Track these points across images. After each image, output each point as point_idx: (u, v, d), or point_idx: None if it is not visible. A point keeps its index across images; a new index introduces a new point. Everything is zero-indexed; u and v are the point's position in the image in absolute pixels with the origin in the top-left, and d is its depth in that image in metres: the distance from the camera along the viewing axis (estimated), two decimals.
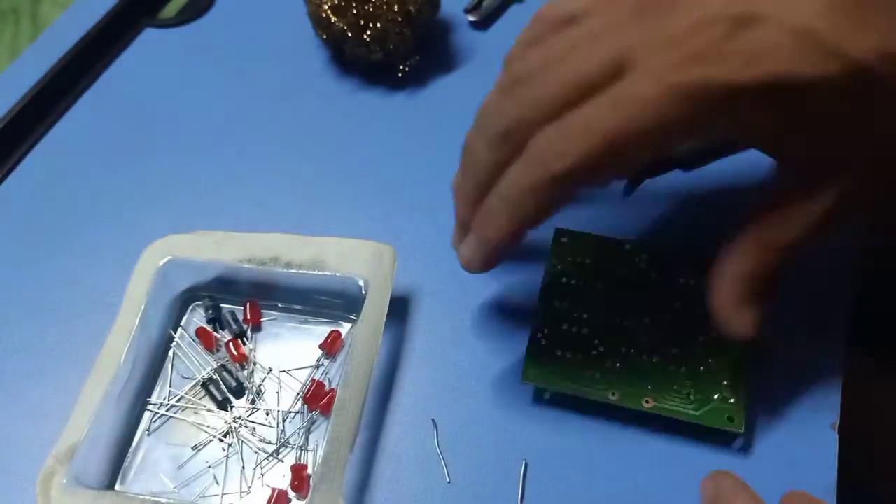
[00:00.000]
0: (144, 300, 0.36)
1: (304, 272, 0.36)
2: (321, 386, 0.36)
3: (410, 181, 0.44)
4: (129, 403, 0.36)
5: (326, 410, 0.35)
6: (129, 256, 0.38)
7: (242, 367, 0.37)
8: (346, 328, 0.38)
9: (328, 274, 0.36)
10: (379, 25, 0.45)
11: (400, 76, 0.47)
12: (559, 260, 0.38)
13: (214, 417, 0.36)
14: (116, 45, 0.52)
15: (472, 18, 0.51)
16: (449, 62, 0.49)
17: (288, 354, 0.38)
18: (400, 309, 0.39)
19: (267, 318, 0.39)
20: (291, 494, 0.34)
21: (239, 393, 0.37)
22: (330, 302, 0.38)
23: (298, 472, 0.34)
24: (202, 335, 0.38)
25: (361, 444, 0.34)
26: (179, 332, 0.39)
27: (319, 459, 0.31)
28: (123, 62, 0.51)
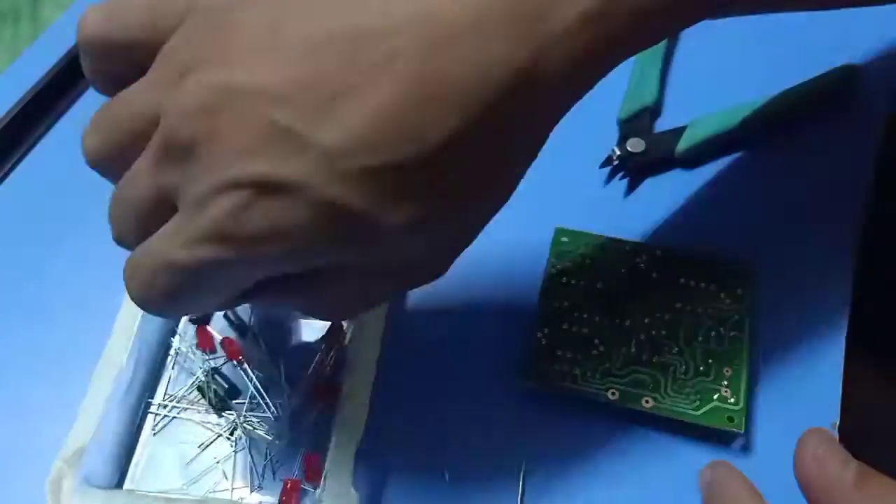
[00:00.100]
0: None
1: None
2: (326, 377, 0.36)
3: None
4: (133, 403, 0.36)
5: (333, 401, 0.35)
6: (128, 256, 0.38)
7: (240, 364, 0.37)
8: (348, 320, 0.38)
9: None
10: None
11: None
12: (559, 260, 0.38)
13: (220, 415, 0.36)
14: None
15: None
16: None
17: (292, 348, 0.38)
18: (400, 301, 0.39)
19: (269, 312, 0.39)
20: (304, 485, 0.34)
21: (234, 394, 0.37)
22: None
23: (311, 462, 0.34)
24: (201, 334, 0.38)
25: (361, 443, 0.34)
26: (180, 330, 0.39)
27: (330, 449, 0.32)
28: None
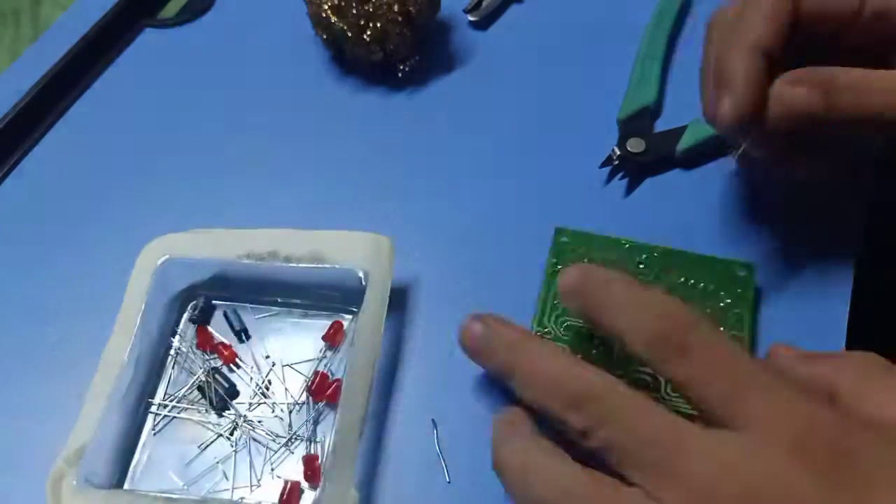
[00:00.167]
0: (144, 300, 0.36)
1: (303, 266, 0.36)
2: (325, 377, 0.36)
3: (410, 180, 0.44)
4: (133, 403, 0.36)
5: (332, 401, 0.36)
6: (128, 256, 0.38)
7: (238, 366, 0.37)
8: (347, 320, 0.38)
9: (328, 266, 0.36)
10: (379, 25, 0.45)
11: (400, 76, 0.47)
12: (559, 259, 0.38)
13: (220, 414, 0.36)
14: (116, 45, 0.52)
15: (471, 18, 0.51)
16: (449, 62, 0.49)
17: (291, 348, 0.38)
18: (399, 302, 0.39)
19: (268, 313, 0.39)
20: (304, 485, 0.34)
21: (233, 394, 0.37)
22: (330, 295, 0.38)
23: (310, 462, 0.34)
24: (201, 334, 0.38)
25: (362, 443, 0.34)
26: (180, 330, 0.39)
27: (329, 449, 0.31)
28: (123, 62, 0.52)
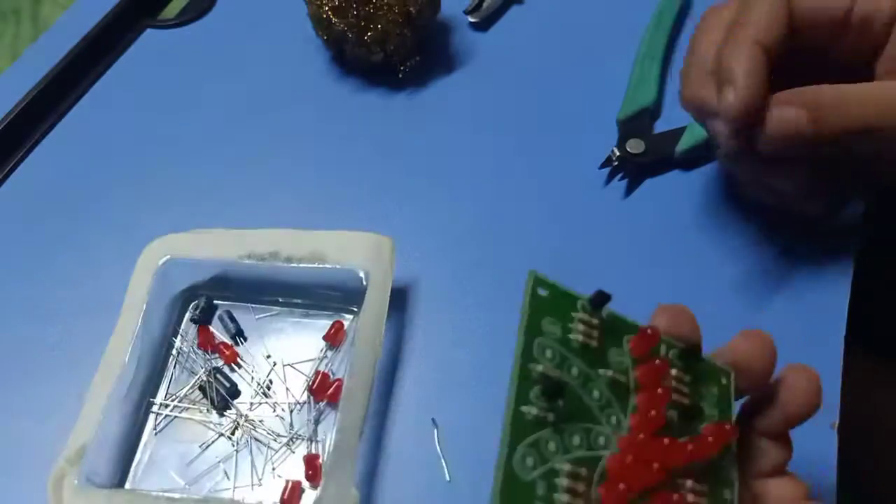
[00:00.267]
0: (145, 300, 0.36)
1: (304, 266, 0.36)
2: (326, 377, 0.36)
3: (410, 181, 0.44)
4: (134, 403, 0.36)
5: (333, 400, 0.36)
6: (129, 256, 0.38)
7: (239, 366, 0.38)
8: (347, 320, 0.38)
9: (328, 266, 0.36)
10: (379, 26, 0.45)
11: (400, 76, 0.47)
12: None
13: (221, 414, 0.36)
14: (117, 45, 0.52)
15: (472, 19, 0.51)
16: (449, 63, 0.49)
17: (292, 348, 0.38)
18: (399, 302, 0.39)
19: (269, 313, 0.39)
20: (305, 484, 0.34)
21: (234, 394, 0.37)
22: (330, 295, 0.38)
23: (311, 461, 0.34)
24: (202, 333, 0.38)
25: (362, 443, 0.34)
26: (181, 330, 0.39)
27: (330, 448, 0.32)
28: (124, 63, 0.52)
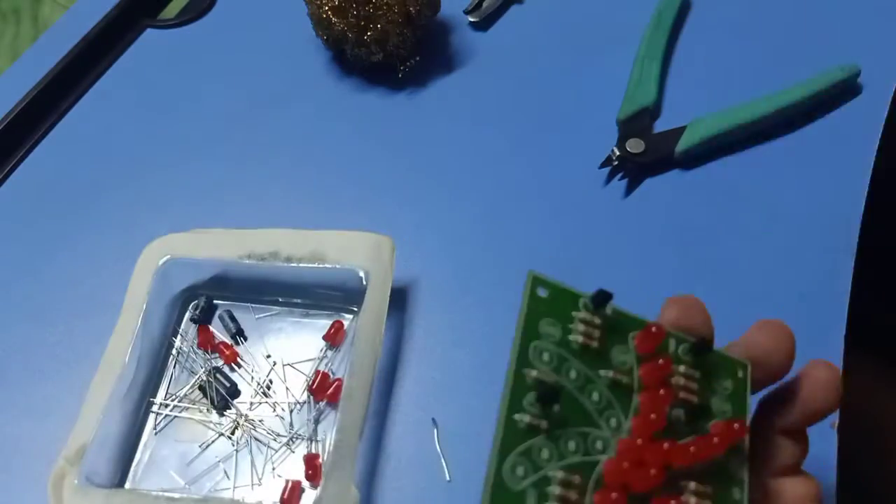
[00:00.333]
0: (145, 300, 0.36)
1: (304, 266, 0.36)
2: (326, 377, 0.36)
3: (410, 181, 0.44)
4: (134, 403, 0.36)
5: (333, 400, 0.36)
6: (129, 256, 0.38)
7: (239, 365, 0.38)
8: (347, 320, 0.38)
9: (328, 266, 0.36)
10: (379, 26, 0.45)
11: (400, 76, 0.47)
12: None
13: (221, 414, 0.36)
14: (117, 45, 0.52)
15: (471, 19, 0.51)
16: (449, 62, 0.49)
17: (292, 348, 0.38)
18: (399, 302, 0.39)
19: (269, 313, 0.39)
20: (305, 484, 0.34)
21: (234, 394, 0.37)
22: (330, 295, 0.38)
23: (311, 461, 0.34)
24: (202, 333, 0.38)
25: (362, 442, 0.34)
26: (181, 330, 0.39)
27: (330, 448, 0.32)
28: (124, 62, 0.52)
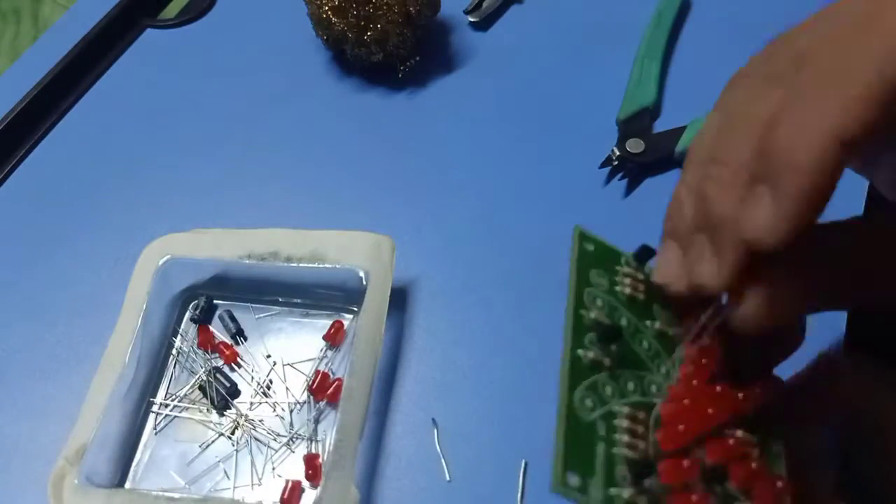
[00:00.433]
0: (145, 300, 0.36)
1: (304, 266, 0.36)
2: (326, 377, 0.36)
3: (410, 181, 0.44)
4: (134, 403, 0.36)
5: (333, 400, 0.36)
6: (129, 256, 0.38)
7: (239, 365, 0.38)
8: (347, 320, 0.38)
9: (328, 266, 0.36)
10: (379, 26, 0.45)
11: (400, 76, 0.47)
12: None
13: (221, 414, 0.36)
14: (117, 45, 0.52)
15: (471, 19, 0.51)
16: (449, 62, 0.50)
17: (292, 348, 0.38)
18: (399, 302, 0.39)
19: (269, 313, 0.39)
20: (305, 484, 0.34)
21: (234, 393, 0.37)
22: (330, 295, 0.38)
23: (311, 461, 0.34)
24: (202, 333, 0.38)
25: (362, 442, 0.34)
26: (181, 330, 0.39)
27: (330, 448, 0.32)
28: (124, 63, 0.52)
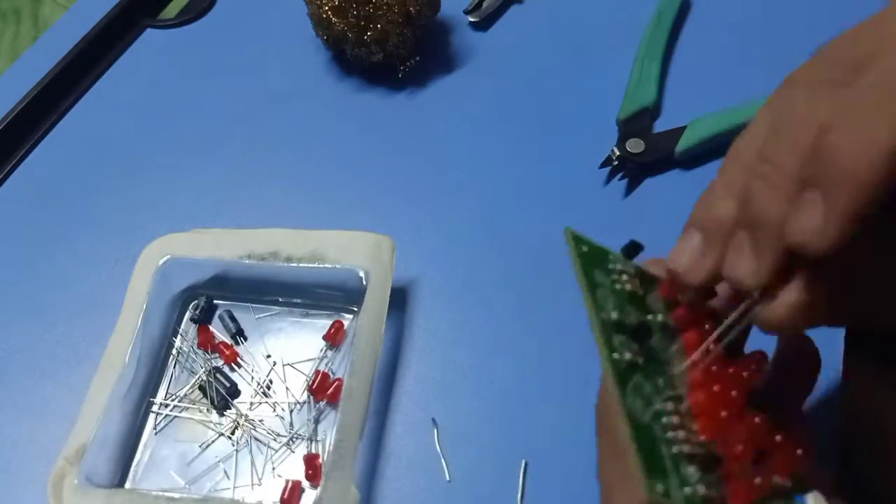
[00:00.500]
0: (145, 300, 0.36)
1: (304, 266, 0.36)
2: (326, 377, 0.36)
3: (410, 181, 0.44)
4: (134, 403, 0.36)
5: (333, 400, 0.36)
6: (129, 256, 0.38)
7: (239, 365, 0.38)
8: (347, 320, 0.38)
9: (328, 266, 0.36)
10: (379, 26, 0.45)
11: (400, 76, 0.47)
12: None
13: (221, 414, 0.36)
14: (117, 45, 0.52)
15: (471, 19, 0.51)
16: (449, 62, 0.49)
17: (292, 348, 0.38)
18: (399, 302, 0.39)
19: (269, 313, 0.39)
20: (305, 484, 0.34)
21: (234, 393, 0.37)
22: (330, 294, 0.38)
23: (311, 461, 0.34)
24: (202, 333, 0.38)
25: (362, 442, 0.34)
26: (181, 330, 0.39)
27: (330, 448, 0.32)
28: (124, 63, 0.52)
